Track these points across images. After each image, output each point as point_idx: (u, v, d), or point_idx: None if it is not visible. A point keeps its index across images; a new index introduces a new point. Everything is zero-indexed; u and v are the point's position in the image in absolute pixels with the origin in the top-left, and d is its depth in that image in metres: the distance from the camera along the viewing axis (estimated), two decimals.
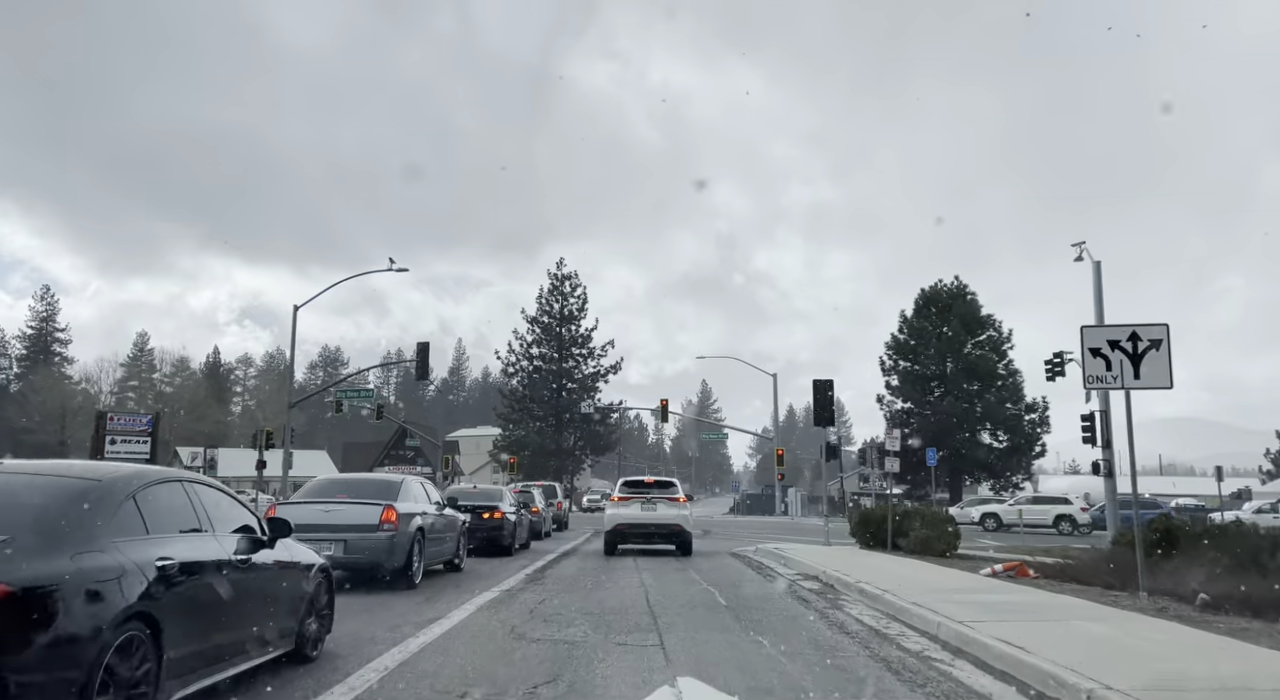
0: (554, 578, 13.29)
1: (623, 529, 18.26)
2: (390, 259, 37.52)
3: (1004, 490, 50.47)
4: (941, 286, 52.29)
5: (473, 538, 16.94)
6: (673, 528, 18.30)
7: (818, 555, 16.94)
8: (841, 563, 14.90)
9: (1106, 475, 27.03)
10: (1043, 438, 50.09)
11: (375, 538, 10.64)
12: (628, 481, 20.39)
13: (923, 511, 18.48)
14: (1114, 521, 26.96)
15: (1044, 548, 23.25)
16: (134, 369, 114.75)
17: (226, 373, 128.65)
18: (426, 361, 37.37)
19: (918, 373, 51.76)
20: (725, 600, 10.59)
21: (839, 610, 9.83)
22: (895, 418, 52.46)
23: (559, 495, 30.49)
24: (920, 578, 12.14)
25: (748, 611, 9.62)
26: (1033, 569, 12.57)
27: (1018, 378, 50.47)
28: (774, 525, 43.44)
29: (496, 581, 12.45)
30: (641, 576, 13.54)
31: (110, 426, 38.74)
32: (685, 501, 19.37)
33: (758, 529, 37.83)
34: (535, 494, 25.36)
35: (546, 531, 25.93)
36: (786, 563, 16.37)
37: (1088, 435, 27.78)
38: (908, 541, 17.62)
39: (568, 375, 76.47)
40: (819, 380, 23.59)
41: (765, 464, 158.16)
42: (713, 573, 14.53)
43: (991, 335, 51.09)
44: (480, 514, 17.29)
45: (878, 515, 19.23)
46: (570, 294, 77.55)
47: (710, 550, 22.08)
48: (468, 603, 9.90)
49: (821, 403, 23.55)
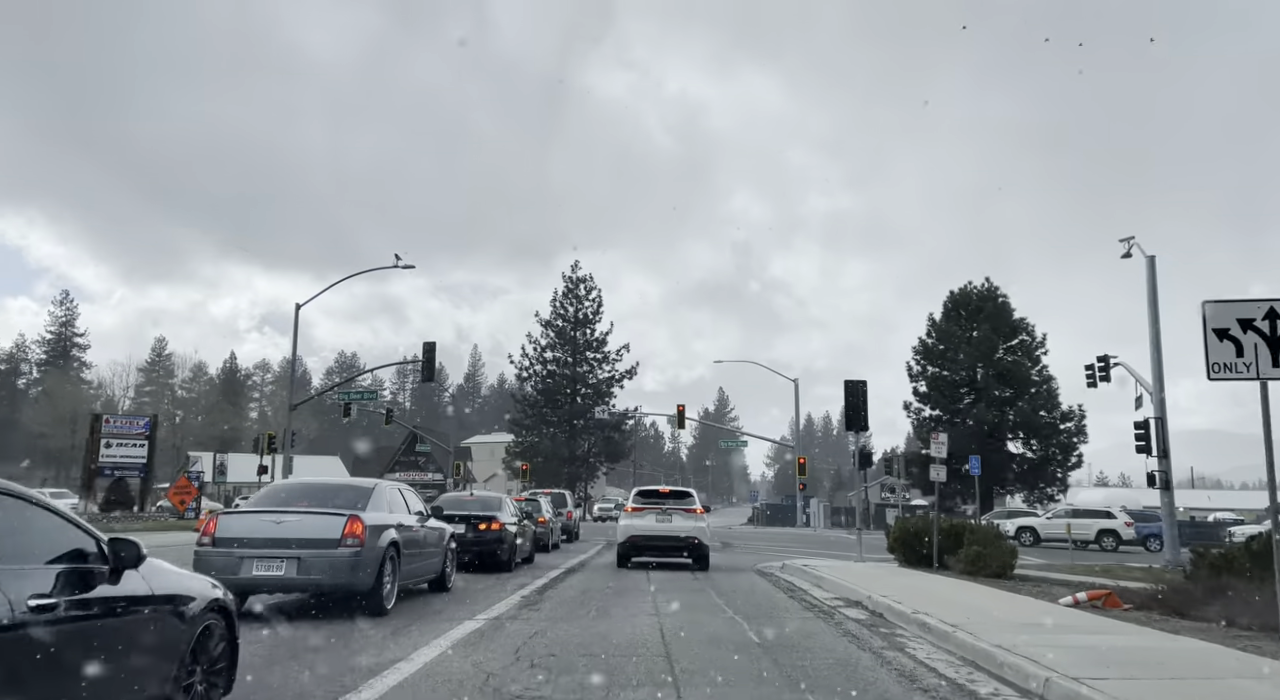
0: (554, 601, 11.44)
1: (636, 541, 17.24)
2: (396, 256, 35.96)
3: (1037, 502, 48.11)
4: (971, 289, 50.03)
5: (466, 552, 15.13)
6: (689, 540, 17.25)
7: (855, 575, 15.00)
8: (886, 585, 12.97)
9: (1164, 487, 24.85)
10: (1079, 448, 47.66)
11: (335, 555, 8.83)
12: (642, 491, 19.06)
13: (973, 526, 16.48)
14: (1173, 539, 24.79)
15: (1099, 566, 21.18)
16: (151, 374, 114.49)
17: (244, 378, 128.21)
18: (433, 362, 35.69)
19: (947, 379, 49.49)
20: (756, 635, 8.70)
21: (901, 651, 7.91)
22: (923, 426, 50.20)
23: (569, 504, 28.61)
24: (988, 607, 10.20)
25: (787, 652, 7.74)
26: (1118, 597, 10.58)
27: (1052, 384, 48.10)
28: (797, 538, 41.39)
29: (486, 605, 10.62)
30: (656, 600, 11.66)
31: (106, 429, 37.32)
32: (702, 513, 18.13)
33: (780, 541, 35.81)
34: (542, 503, 23.53)
35: (555, 543, 24.08)
36: (820, 583, 14.44)
37: (1141, 443, 25.64)
38: (956, 560, 15.65)
39: (582, 380, 74.67)
40: (851, 381, 21.63)
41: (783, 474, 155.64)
42: (737, 596, 12.63)
43: (1024, 340, 48.74)
44: (476, 525, 15.47)
45: (920, 529, 17.24)
46: (585, 297, 75.84)
47: (731, 566, 20.18)
48: (442, 637, 8.07)
49: (853, 406, 21.57)
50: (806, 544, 34.08)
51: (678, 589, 13.39)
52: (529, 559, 18.12)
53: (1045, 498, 48.15)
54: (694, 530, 17.30)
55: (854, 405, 21.57)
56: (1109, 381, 32.41)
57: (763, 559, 22.62)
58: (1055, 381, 48.15)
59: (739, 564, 20.84)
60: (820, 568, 16.76)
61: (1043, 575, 16.49)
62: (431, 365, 35.65)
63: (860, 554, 20.90)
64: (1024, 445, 48.41)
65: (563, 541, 26.16)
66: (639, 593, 12.68)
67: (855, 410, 21.57)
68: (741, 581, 15.45)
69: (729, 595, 12.66)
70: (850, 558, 21.91)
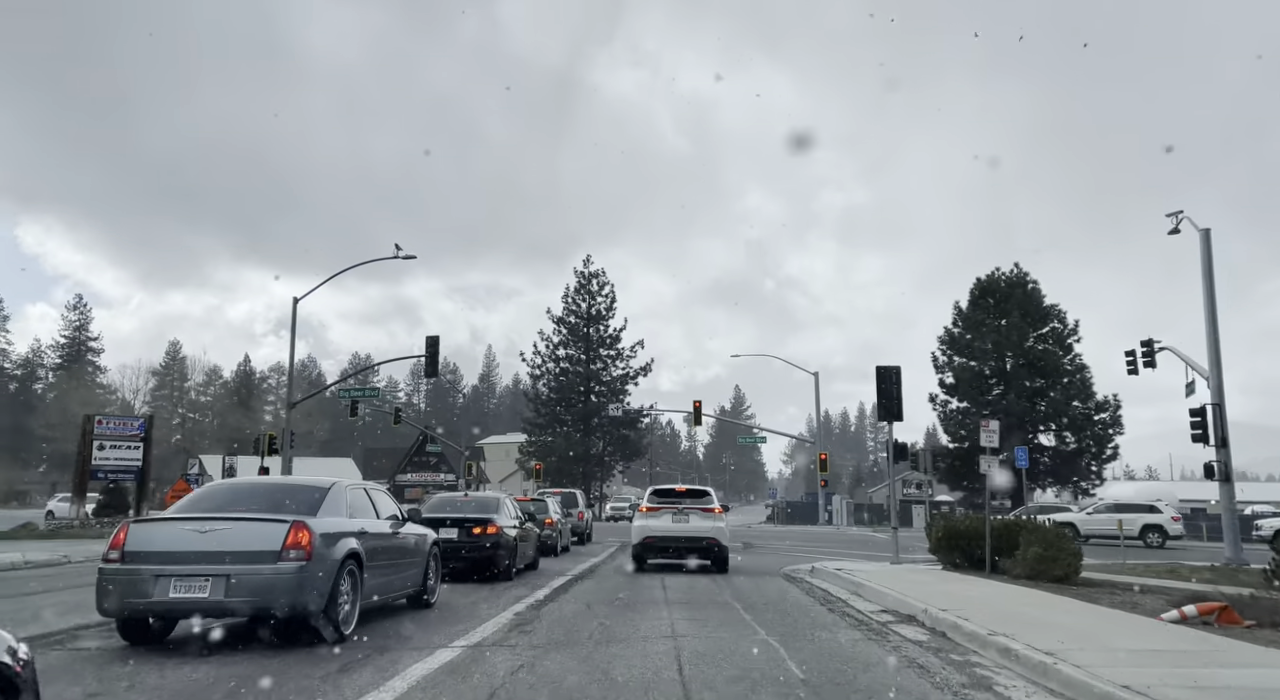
0: (552, 618, 9.71)
1: (651, 542, 16.45)
2: (396, 245, 34.40)
3: (1071, 496, 46.04)
4: (999, 275, 47.90)
5: (458, 559, 13.48)
6: (707, 541, 16.41)
7: (898, 580, 13.21)
8: (938, 593, 11.18)
9: (1223, 479, 22.87)
10: (1114, 439, 45.50)
11: (275, 570, 7.14)
12: (657, 490, 17.82)
13: (1031, 523, 14.62)
14: (1234, 536, 22.78)
15: (1161, 566, 19.24)
16: (165, 378, 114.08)
17: (260, 381, 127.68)
18: (436, 357, 34.05)
19: (974, 369, 47.43)
20: (799, 666, 6.95)
21: (990, 693, 6.14)
22: (950, 418, 48.24)
23: (579, 504, 26.85)
24: (1078, 625, 8.39)
25: (842, 695, 5.98)
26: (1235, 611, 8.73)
27: (1085, 374, 45.96)
28: (820, 537, 39.50)
29: (470, 626, 8.91)
30: (672, 618, 9.92)
31: (99, 431, 35.86)
32: (721, 512, 17.02)
33: (804, 541, 33.97)
34: (549, 503, 21.83)
35: (564, 546, 22.38)
36: (860, 591, 12.67)
37: (1198, 432, 23.66)
38: (1012, 563, 13.81)
39: (595, 377, 72.99)
40: (883, 367, 19.81)
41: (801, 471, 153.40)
42: (767, 610, 10.87)
43: (1055, 327, 46.60)
44: (470, 529, 13.77)
45: (969, 528, 15.40)
46: (598, 292, 74.15)
47: (755, 569, 18.44)
48: (400, 675, 6.35)
49: (887, 394, 19.73)
50: (832, 543, 32.24)
51: (697, 601, 11.65)
52: (532, 565, 16.43)
53: (1079, 491, 46.04)
54: (712, 531, 16.44)
55: (887, 393, 19.72)
56: (1154, 367, 30.32)
57: (788, 561, 20.87)
58: (1089, 370, 46.03)
59: (763, 567, 19.09)
60: (856, 572, 14.98)
61: (1108, 578, 14.60)
62: (435, 360, 34.02)
63: (896, 555, 19.11)
64: (1056, 437, 46.32)
65: (573, 544, 24.46)
66: (652, 606, 10.95)
67: (889, 398, 19.72)
68: (769, 589, 13.69)
69: (757, 609, 10.90)
70: (884, 559, 20.13)
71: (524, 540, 15.41)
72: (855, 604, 11.48)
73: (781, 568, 18.54)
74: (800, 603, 11.85)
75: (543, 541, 18.64)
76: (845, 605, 11.45)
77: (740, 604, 11.36)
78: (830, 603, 11.78)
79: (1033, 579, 13.04)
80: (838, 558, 21.84)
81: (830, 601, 11.93)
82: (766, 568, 18.86)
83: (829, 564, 17.88)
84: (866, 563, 18.99)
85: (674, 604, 11.22)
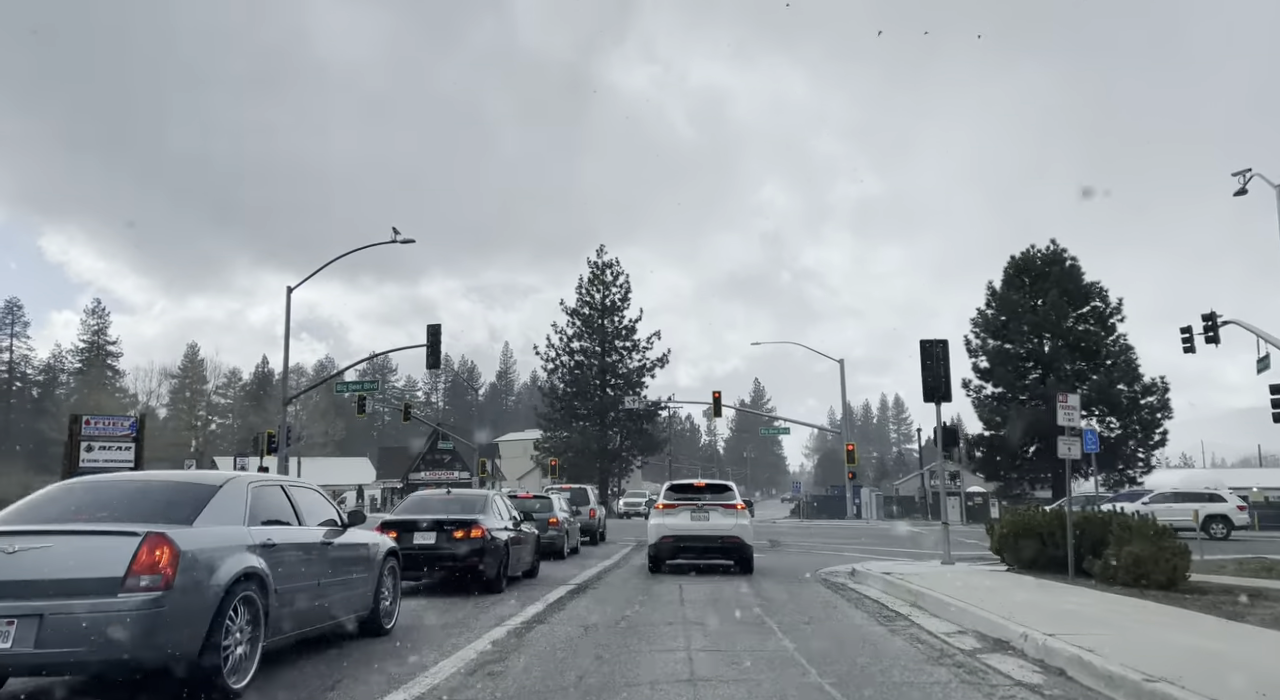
0: (534, 652, 7.48)
1: (670, 542, 15.12)
2: (394, 229, 32.43)
3: (1117, 486, 43.32)
4: (1035, 252, 45.19)
5: (436, 569, 11.32)
6: (730, 540, 15.17)
7: (963, 588, 10.89)
8: (1025, 608, 8.86)
9: None
10: (1162, 424, 42.75)
11: (113, 606, 4.95)
12: (675, 486, 16.27)
13: (1123, 517, 12.23)
14: None
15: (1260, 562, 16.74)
16: (184, 380, 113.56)
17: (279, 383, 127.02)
18: (438, 347, 31.99)
19: (1010, 353, 44.77)
20: None
21: None
22: (984, 404, 45.64)
23: (590, 501, 24.62)
24: (1245, 658, 6.07)
25: None
26: None
27: (1130, 355, 43.22)
28: (850, 531, 37.09)
29: (419, 668, 6.69)
30: (690, 644, 7.69)
31: (86, 431, 34.06)
32: (743, 509, 15.65)
33: (834, 537, 31.60)
34: (554, 501, 19.62)
35: (573, 548, 20.19)
36: (920, 602, 10.36)
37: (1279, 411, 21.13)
38: (1102, 565, 11.46)
39: (611, 370, 70.79)
40: (928, 341, 17.43)
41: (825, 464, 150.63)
42: (813, 634, 8.60)
43: (1097, 306, 43.86)
44: (450, 532, 11.57)
45: (1043, 524, 13.04)
46: (612, 283, 71.87)
47: (788, 571, 16.23)
48: None
49: (933, 371, 17.32)
50: (866, 539, 29.87)
51: (723, 621, 9.39)
52: (530, 572, 14.26)
53: (1126, 480, 43.34)
54: (734, 529, 15.18)
55: (933, 370, 17.30)
56: (1217, 343, 27.79)
57: (821, 561, 18.60)
58: (1134, 351, 43.30)
59: (795, 569, 16.84)
60: (908, 576, 12.66)
61: (1211, 580, 12.20)
62: (436, 350, 31.96)
63: (948, 553, 16.73)
64: (1100, 423, 43.59)
65: (583, 544, 22.23)
66: (666, 629, 8.70)
67: (935, 376, 17.29)
68: (808, 600, 11.42)
69: (799, 631, 8.62)
70: (930, 558, 17.87)
71: (518, 544, 13.22)
72: (921, 621, 9.18)
73: (816, 569, 16.30)
74: (851, 621, 9.55)
75: (545, 544, 16.47)
76: (909, 623, 9.15)
77: (776, 624, 9.10)
78: (889, 620, 9.48)
79: (1131, 586, 10.70)
80: (877, 556, 19.54)
81: (888, 618, 9.64)
82: (799, 570, 16.60)
83: (872, 565, 15.61)
84: (913, 563, 16.70)
85: (693, 625, 8.98)
